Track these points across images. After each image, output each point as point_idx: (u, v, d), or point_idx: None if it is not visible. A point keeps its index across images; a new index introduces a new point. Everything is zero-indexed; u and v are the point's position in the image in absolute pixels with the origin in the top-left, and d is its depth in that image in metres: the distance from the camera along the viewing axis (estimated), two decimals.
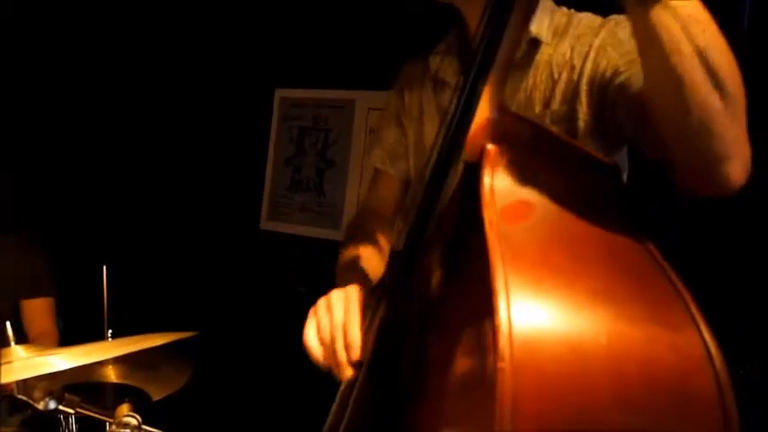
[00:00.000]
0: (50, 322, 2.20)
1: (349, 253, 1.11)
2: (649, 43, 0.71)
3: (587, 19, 1.00)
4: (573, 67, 0.96)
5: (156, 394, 1.69)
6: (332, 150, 2.58)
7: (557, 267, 0.59)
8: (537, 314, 0.55)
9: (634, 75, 0.87)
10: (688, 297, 0.58)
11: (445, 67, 1.08)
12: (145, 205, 2.81)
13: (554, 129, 0.96)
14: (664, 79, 0.72)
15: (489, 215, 0.62)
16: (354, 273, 1.03)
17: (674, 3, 0.67)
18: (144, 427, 1.38)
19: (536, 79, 0.98)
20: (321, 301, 0.91)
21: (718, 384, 0.53)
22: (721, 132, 0.71)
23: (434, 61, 1.10)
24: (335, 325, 0.86)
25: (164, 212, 2.78)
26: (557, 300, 0.56)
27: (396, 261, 0.86)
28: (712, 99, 0.70)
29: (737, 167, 0.74)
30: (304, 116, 2.64)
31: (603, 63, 0.92)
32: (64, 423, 1.58)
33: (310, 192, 2.60)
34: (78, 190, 2.85)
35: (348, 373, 0.82)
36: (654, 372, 0.53)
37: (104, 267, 1.76)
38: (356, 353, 0.83)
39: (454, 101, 0.80)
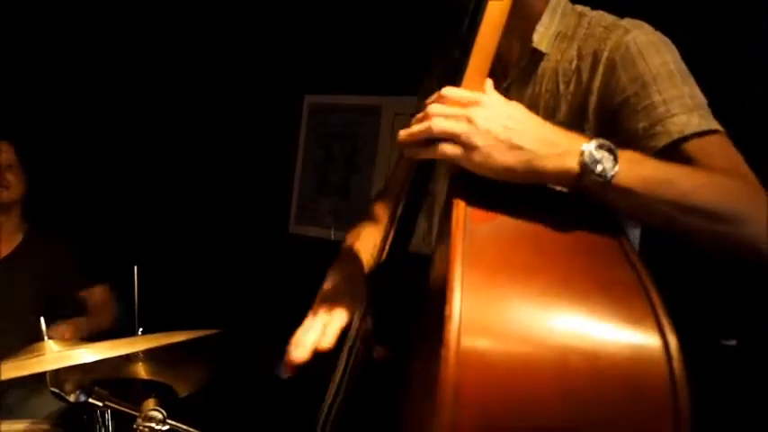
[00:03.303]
0: (109, 301, 2.32)
1: (353, 235, 1.15)
2: (626, 213, 0.73)
3: (596, 18, 0.96)
4: (579, 81, 0.93)
5: (183, 391, 1.74)
6: (359, 155, 2.61)
7: (517, 263, 0.61)
8: (489, 307, 0.56)
9: (645, 108, 0.86)
10: (652, 290, 0.58)
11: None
12: (176, 209, 2.89)
13: None
14: (662, 230, 0.74)
15: (457, 213, 0.65)
16: (353, 254, 1.08)
17: (629, 184, 0.70)
18: (169, 421, 1.42)
19: (541, 88, 0.96)
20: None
21: (673, 381, 0.53)
22: (736, 242, 0.74)
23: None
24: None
25: (194, 216, 2.85)
26: (511, 294, 0.58)
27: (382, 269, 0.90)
28: (713, 228, 0.73)
29: None
30: (332, 121, 2.68)
31: (612, 85, 0.89)
32: (100, 419, 1.64)
33: (338, 196, 2.64)
34: (111, 194, 2.95)
35: (299, 356, 0.89)
36: (602, 365, 0.53)
37: (136, 268, 1.82)
38: (327, 342, 0.89)
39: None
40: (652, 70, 0.87)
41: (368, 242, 1.09)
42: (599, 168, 0.69)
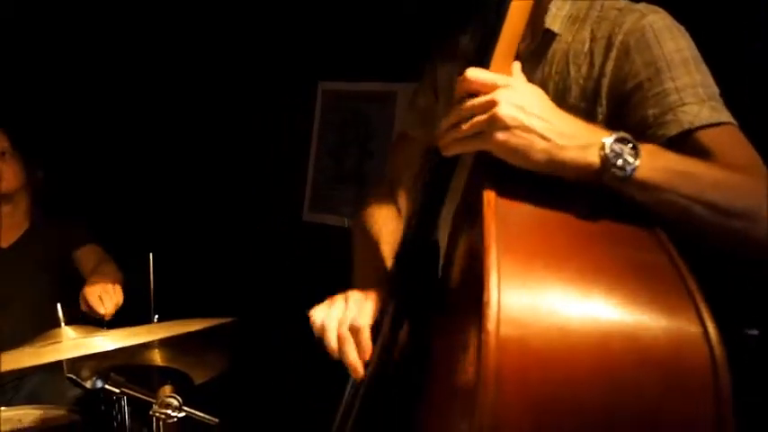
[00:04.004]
0: (104, 260, 2.21)
1: (369, 219, 1.13)
2: (642, 205, 0.71)
3: (610, 1, 0.94)
4: (592, 64, 0.91)
5: (199, 378, 1.75)
6: (373, 142, 2.59)
7: (552, 247, 0.61)
8: (526, 291, 0.56)
9: (656, 95, 0.84)
10: (689, 277, 0.58)
11: (471, 48, 1.06)
12: (190, 197, 2.89)
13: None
14: (674, 224, 0.73)
15: (488, 196, 0.64)
16: (371, 248, 1.06)
17: (649, 178, 0.69)
18: (184, 408, 1.43)
19: (551, 69, 0.95)
20: (339, 296, 0.93)
21: (714, 365, 0.53)
22: (748, 238, 0.73)
23: (464, 40, 1.09)
24: (346, 321, 0.88)
25: (209, 204, 2.85)
26: (548, 278, 0.57)
27: (403, 251, 0.89)
28: (727, 224, 0.72)
29: None
30: (346, 108, 2.66)
31: (626, 69, 0.88)
32: (117, 405, 1.66)
33: (352, 183, 2.63)
34: (125, 183, 2.96)
35: (360, 373, 0.85)
36: (642, 348, 0.53)
37: (151, 256, 1.82)
38: (366, 353, 0.85)
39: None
40: (666, 56, 0.86)
41: (387, 235, 1.08)
42: (620, 162, 0.68)
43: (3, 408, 1.80)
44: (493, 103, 0.70)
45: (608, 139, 0.69)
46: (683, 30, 0.90)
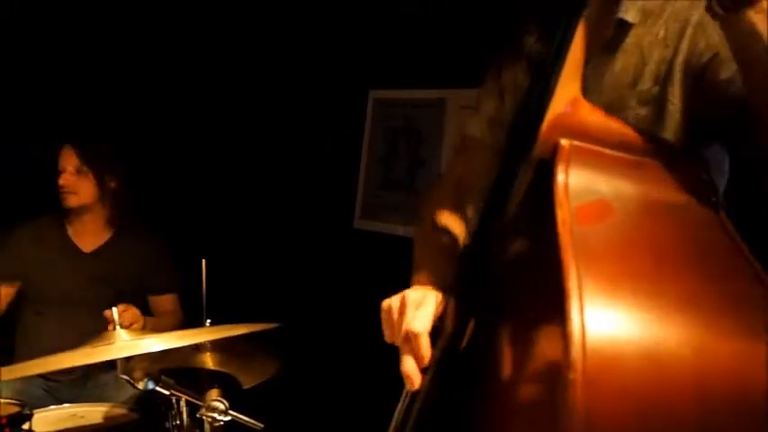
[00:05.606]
0: (176, 309, 2.41)
1: (436, 219, 1.10)
2: (747, 51, 0.67)
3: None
4: (666, 46, 0.90)
5: (248, 383, 1.77)
6: (423, 149, 2.58)
7: (638, 271, 0.55)
8: (613, 321, 0.50)
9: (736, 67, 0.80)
10: None
11: (538, 48, 1.04)
12: (243, 204, 2.95)
13: (636, 114, 0.92)
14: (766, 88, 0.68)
15: (563, 215, 0.59)
16: (441, 249, 1.04)
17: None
18: (231, 412, 1.46)
19: (625, 62, 0.94)
20: (399, 296, 0.91)
21: None
22: None
23: (529, 41, 1.07)
24: (404, 328, 0.85)
25: (261, 211, 2.91)
26: (637, 306, 0.52)
27: (464, 258, 0.86)
28: None
29: None
30: (397, 116, 2.66)
31: (702, 44, 0.86)
32: (176, 405, 1.71)
33: (402, 191, 2.62)
34: (181, 190, 3.04)
35: (417, 383, 0.82)
36: (743, 388, 0.49)
37: (204, 262, 1.87)
38: (424, 361, 0.82)
39: (526, 95, 0.79)
40: None
41: (453, 229, 1.06)
42: None
43: (66, 404, 1.89)
44: None
45: None
46: None
